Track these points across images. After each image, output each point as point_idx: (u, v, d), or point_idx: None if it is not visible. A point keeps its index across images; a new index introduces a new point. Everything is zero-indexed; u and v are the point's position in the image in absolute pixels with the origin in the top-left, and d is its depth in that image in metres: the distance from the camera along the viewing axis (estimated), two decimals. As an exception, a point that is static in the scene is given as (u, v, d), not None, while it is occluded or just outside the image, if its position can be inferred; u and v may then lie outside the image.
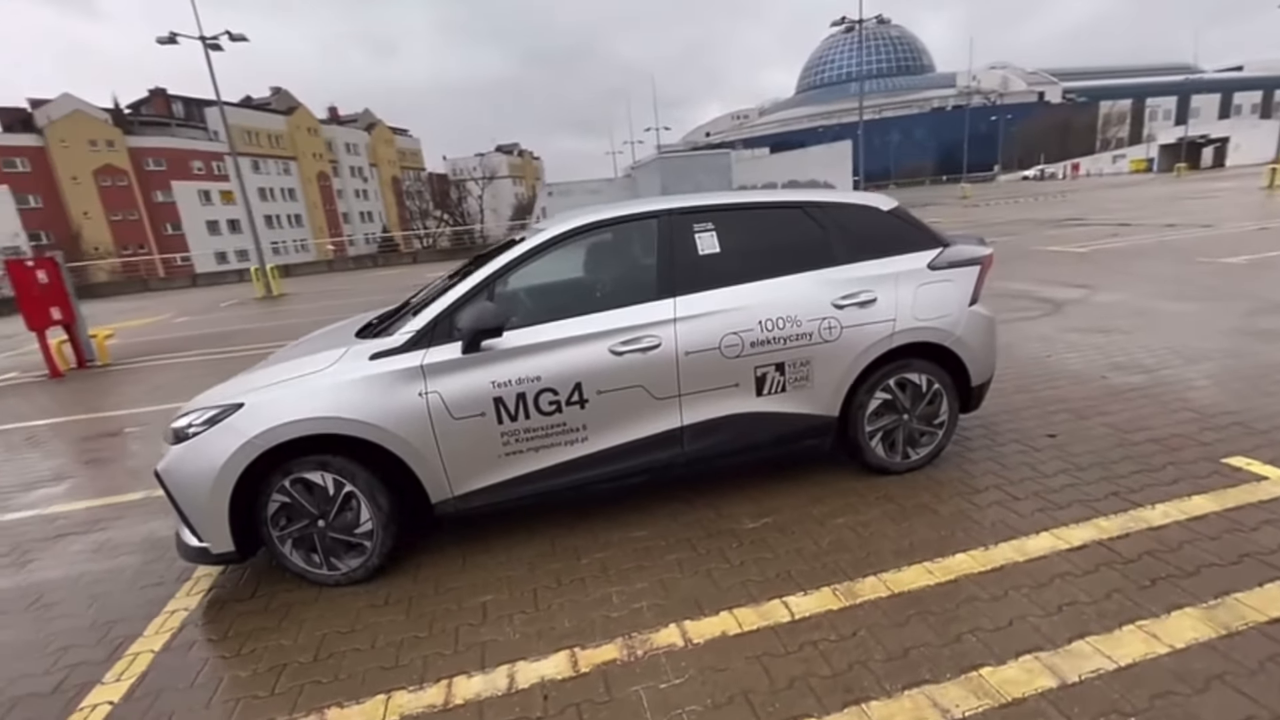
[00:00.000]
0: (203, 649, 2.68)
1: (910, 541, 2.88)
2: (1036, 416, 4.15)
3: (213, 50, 20.16)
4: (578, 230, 3.20)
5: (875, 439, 3.45)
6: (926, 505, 3.18)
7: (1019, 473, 3.41)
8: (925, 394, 3.44)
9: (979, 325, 3.45)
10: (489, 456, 2.99)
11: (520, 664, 2.37)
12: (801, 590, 2.61)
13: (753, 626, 2.43)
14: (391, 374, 2.88)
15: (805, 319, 3.18)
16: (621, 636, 2.45)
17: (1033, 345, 5.84)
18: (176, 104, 75.22)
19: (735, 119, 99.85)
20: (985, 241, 3.71)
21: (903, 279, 3.34)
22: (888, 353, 3.30)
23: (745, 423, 3.22)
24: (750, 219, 3.37)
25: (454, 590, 2.89)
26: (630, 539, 3.17)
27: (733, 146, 56.51)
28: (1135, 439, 3.67)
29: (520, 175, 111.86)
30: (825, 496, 3.37)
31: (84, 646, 2.77)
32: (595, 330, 3.03)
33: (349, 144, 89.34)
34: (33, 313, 9.36)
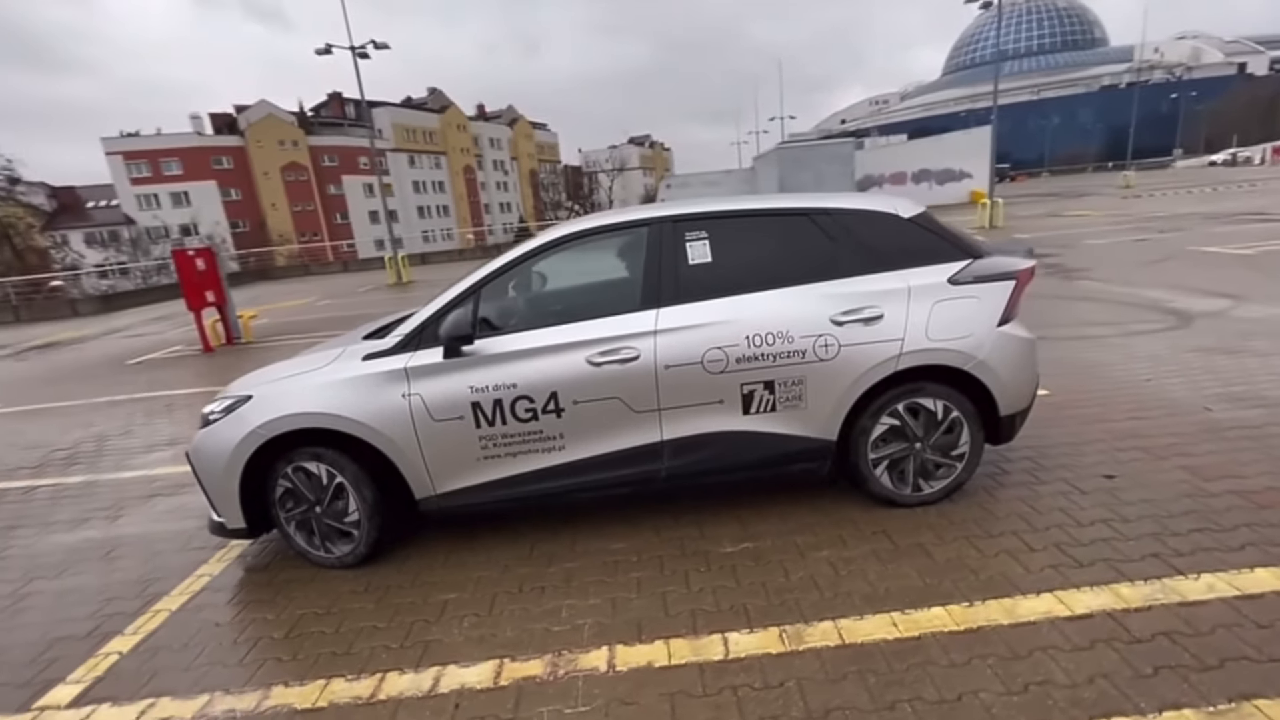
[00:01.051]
0: (207, 613, 2.99)
1: (888, 586, 2.61)
2: (1102, 452, 3.61)
3: (363, 59, 22.15)
4: (564, 239, 3.18)
5: (880, 468, 3.16)
6: (923, 546, 2.87)
7: (1049, 518, 2.99)
8: (941, 422, 3.10)
9: (1010, 348, 3.05)
10: (468, 459, 3.08)
11: (450, 668, 2.43)
12: (748, 627, 2.46)
13: (681, 660, 2.32)
14: (379, 375, 3.03)
15: (798, 335, 2.97)
16: (552, 653, 2.44)
17: (1136, 366, 5.07)
18: (349, 106, 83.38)
19: (873, 104, 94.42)
20: (1033, 252, 3.27)
21: (916, 295, 3.01)
22: (896, 375, 3.01)
23: (731, 441, 3.07)
24: (749, 228, 3.19)
25: (426, 585, 3.01)
26: (606, 550, 3.14)
27: (866, 134, 53.73)
28: (1214, 489, 3.09)
29: (650, 166, 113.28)
30: (817, 525, 3.14)
31: (124, 599, 3.19)
32: (573, 340, 3.01)
33: (493, 139, 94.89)
34: (192, 295, 10.81)
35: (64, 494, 4.76)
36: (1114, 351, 5.50)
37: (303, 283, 27.58)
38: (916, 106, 67.79)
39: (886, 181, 29.14)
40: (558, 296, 3.49)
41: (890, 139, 43.31)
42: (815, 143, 30.96)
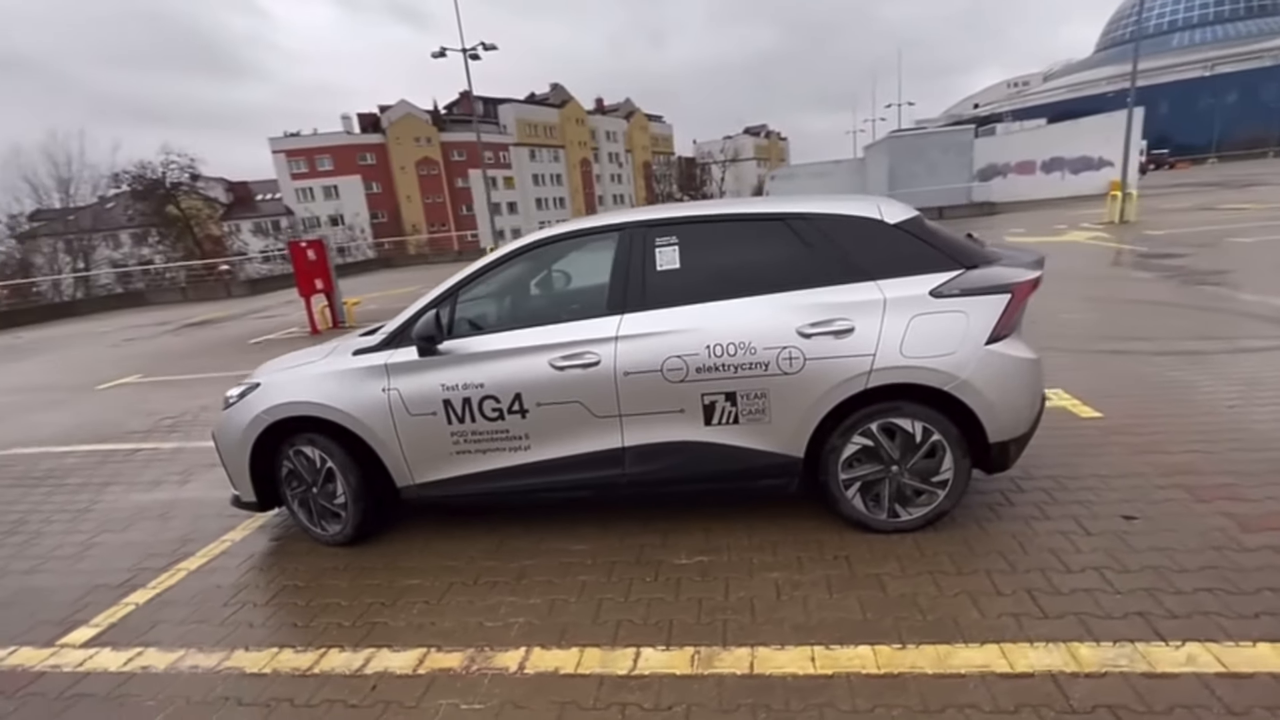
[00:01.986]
0: (216, 575, 3.34)
1: (824, 617, 2.47)
2: (1136, 488, 3.18)
3: (474, 60, 23.37)
4: (538, 244, 3.23)
5: (852, 489, 2.97)
6: (880, 577, 2.68)
7: (1034, 559, 2.69)
8: (920, 445, 2.87)
9: (1001, 369, 2.76)
10: (442, 452, 3.22)
11: (383, 651, 2.57)
12: (665, 645, 2.42)
13: (587, 670, 2.33)
14: (364, 369, 3.24)
15: (761, 347, 2.85)
16: (475, 648, 2.53)
17: (1226, 389, 4.39)
18: (478, 103, 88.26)
19: (1011, 86, 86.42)
20: (1042, 263, 2.93)
21: (893, 307, 2.79)
22: (867, 393, 2.81)
23: (693, 452, 3.01)
24: (723, 234, 3.09)
25: (396, 570, 3.20)
26: (566, 551, 3.18)
27: (999, 119, 49.55)
28: (1251, 543, 2.64)
29: (765, 157, 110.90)
30: (781, 544, 3.01)
31: (159, 555, 3.63)
32: (538, 343, 3.06)
33: (609, 132, 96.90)
34: (303, 282, 11.94)
35: (156, 458, 5.46)
36: (1208, 371, 4.79)
37: (420, 270, 29.56)
38: (1061, 88, 61.28)
39: (1012, 171, 26.66)
40: (532, 300, 3.55)
41: (1024, 124, 39.64)
42: (929, 131, 28.88)
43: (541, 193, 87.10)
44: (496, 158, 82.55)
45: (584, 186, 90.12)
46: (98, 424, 6.78)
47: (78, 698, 2.49)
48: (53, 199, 42.04)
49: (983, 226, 19.91)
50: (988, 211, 24.10)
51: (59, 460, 5.64)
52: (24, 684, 2.61)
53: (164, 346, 12.69)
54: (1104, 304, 7.51)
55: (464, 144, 79.77)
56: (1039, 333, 6.38)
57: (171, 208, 45.42)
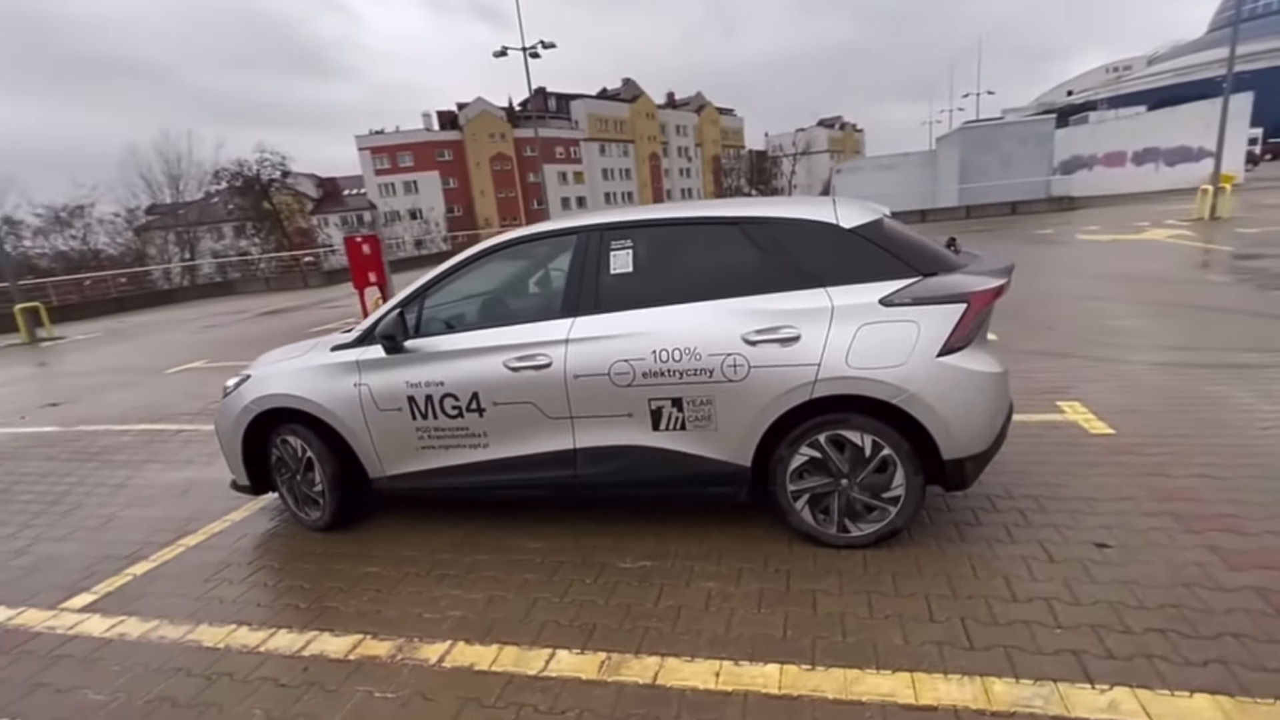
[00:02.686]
0: (209, 552, 3.58)
1: (744, 632, 2.42)
2: (1122, 514, 2.94)
3: (534, 58, 23.77)
4: (502, 245, 3.29)
5: (801, 501, 2.89)
6: (814, 594, 2.60)
7: (981, 585, 2.54)
8: (869, 459, 2.75)
9: (955, 382, 2.61)
10: (408, 447, 3.34)
11: (325, 635, 2.70)
12: (580, 648, 2.43)
13: (500, 668, 2.38)
14: (339, 365, 3.40)
15: (706, 353, 2.80)
16: (406, 638, 2.62)
17: (1264, 409, 3.98)
18: (551, 100, 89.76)
19: (1110, 71, 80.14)
20: (1009, 271, 2.76)
21: (841, 316, 2.69)
22: (816, 403, 2.73)
23: (641, 456, 3.00)
24: (677, 238, 3.06)
25: (362, 557, 3.34)
26: (521, 548, 3.24)
27: (1093, 107, 46.36)
28: (1230, 583, 2.40)
29: (839, 149, 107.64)
30: (727, 553, 2.97)
31: (167, 531, 3.92)
32: (495, 344, 3.13)
33: (679, 126, 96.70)
34: (357, 275, 12.50)
35: (195, 439, 5.89)
36: (1254, 387, 4.36)
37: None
38: (1167, 72, 56.37)
39: (1099, 163, 24.82)
40: (494, 301, 3.61)
41: (1119, 112, 36.87)
42: (1005, 121, 27.23)
43: (610, 187, 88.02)
44: (567, 153, 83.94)
45: (652, 181, 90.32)
46: (156, 405, 7.36)
47: (59, 659, 2.74)
48: (164, 194, 45.76)
49: (1055, 223, 18.72)
50: (1066, 207, 22.58)
51: (115, 438, 6.16)
52: (20, 642, 2.89)
53: (236, 334, 13.61)
54: (1161, 309, 6.93)
55: (537, 140, 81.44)
56: (1077, 339, 5.97)
57: (265, 203, 48.53)
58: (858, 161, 29.64)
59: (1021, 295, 8.66)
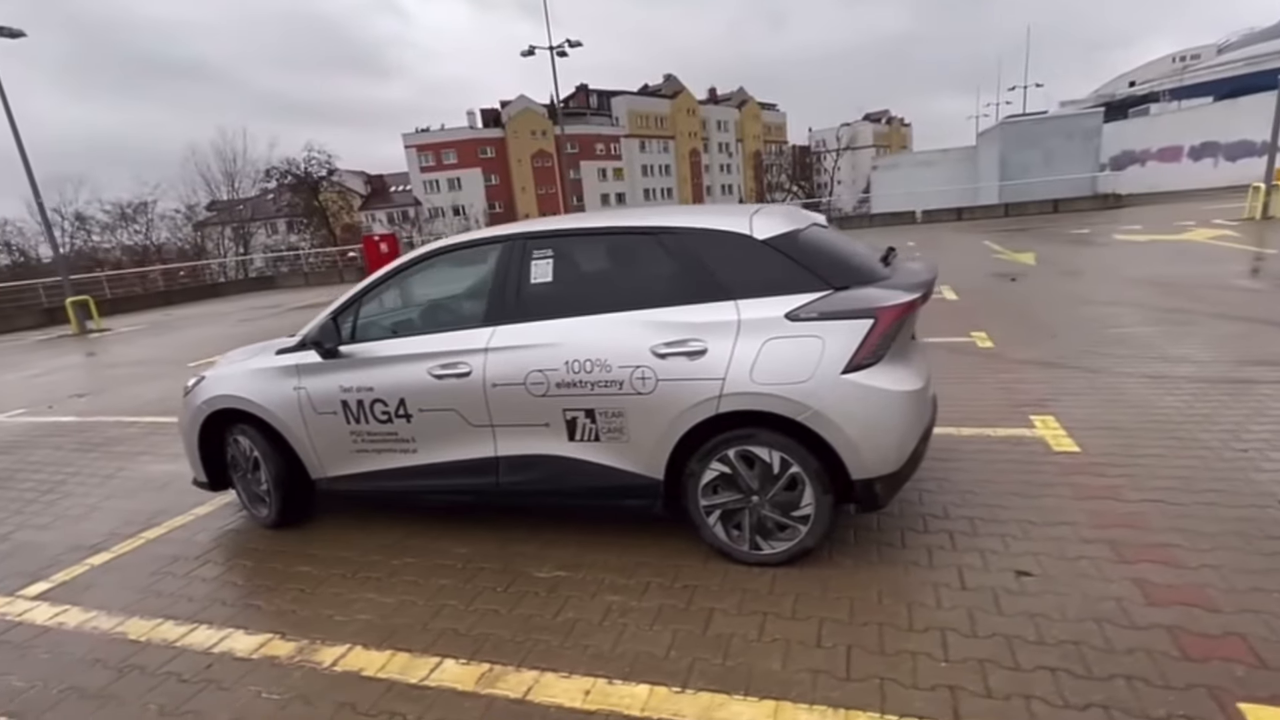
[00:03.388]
0: (166, 546, 3.72)
1: (627, 650, 2.39)
2: (1056, 539, 2.79)
3: (561, 57, 23.88)
4: (432, 254, 3.32)
5: (713, 516, 2.84)
6: (711, 613, 2.54)
7: (882, 611, 2.44)
8: (779, 476, 2.68)
9: (861, 400, 2.52)
10: (344, 450, 3.41)
11: (238, 634, 2.78)
12: (468, 658, 2.44)
13: (384, 675, 2.40)
14: (281, 368, 3.48)
15: (616, 365, 2.77)
16: (310, 639, 2.67)
17: (1250, 429, 3.72)
18: (592, 97, 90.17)
19: (1176, 61, 76.06)
20: (927, 285, 2.65)
21: (747, 329, 2.63)
22: (723, 418, 2.67)
23: (559, 466, 2.99)
24: (596, 247, 3.04)
25: (300, 555, 3.42)
26: (448, 553, 3.26)
27: (1154, 99, 44.11)
28: (1144, 619, 2.25)
29: (885, 144, 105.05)
30: (642, 566, 2.93)
31: (135, 523, 4.09)
32: (421, 351, 3.16)
33: (720, 121, 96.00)
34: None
35: (193, 432, 6.12)
36: (1246, 405, 4.08)
37: None
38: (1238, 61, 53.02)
39: (1152, 158, 23.54)
40: (423, 309, 3.63)
41: (1183, 104, 34.95)
42: (1048, 115, 26.06)
43: (650, 183, 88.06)
44: (608, 149, 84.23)
45: (692, 177, 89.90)
46: (169, 398, 7.66)
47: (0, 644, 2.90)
48: (221, 192, 47.76)
49: (1096, 222, 17.91)
50: (1112, 204, 21.52)
51: (122, 429, 6.46)
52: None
53: (264, 328, 14.08)
54: (1177, 317, 6.55)
55: (577, 136, 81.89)
56: (1076, 348, 5.71)
57: (314, 200, 50.18)
58: (896, 158, 28.85)
59: (1034, 299, 8.33)
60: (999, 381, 5.07)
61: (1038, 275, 10.25)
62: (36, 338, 16.76)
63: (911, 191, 25.64)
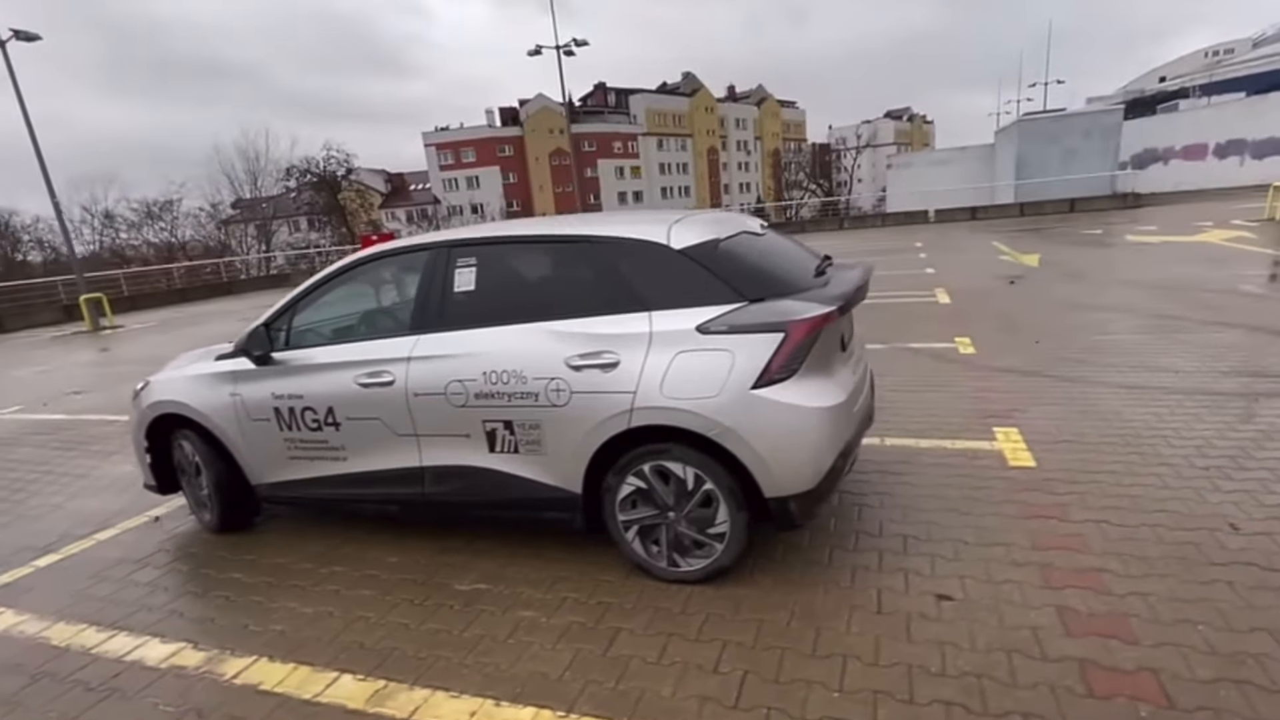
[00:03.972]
0: (114, 549, 3.73)
1: (523, 670, 2.33)
2: (988, 560, 2.68)
3: (568, 56, 23.87)
4: (364, 261, 3.29)
5: (631, 532, 2.77)
6: (618, 632, 2.47)
7: (789, 636, 2.35)
8: (693, 493, 2.61)
9: (771, 416, 2.43)
10: (279, 457, 3.40)
11: (154, 642, 2.77)
12: (366, 675, 2.40)
13: (281, 689, 2.37)
14: (219, 374, 3.48)
15: (532, 376, 2.72)
16: (220, 650, 2.65)
17: (1215, 445, 3.55)
18: (610, 95, 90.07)
19: (1209, 55, 73.83)
20: (843, 296, 2.55)
21: (659, 342, 2.56)
22: (637, 432, 2.60)
23: (481, 477, 2.95)
24: (518, 256, 2.99)
25: (237, 563, 3.41)
26: (379, 562, 3.23)
27: (1184, 95, 43.01)
28: (1054, 651, 2.14)
29: (907, 142, 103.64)
30: (563, 581, 2.87)
31: (90, 524, 4.12)
32: (348, 359, 3.13)
33: (738, 119, 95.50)
34: (378, 272, 12.91)
35: (172, 432, 6.19)
36: (1221, 418, 3.91)
37: None
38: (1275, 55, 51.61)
39: (1176, 156, 22.85)
40: (352, 317, 3.58)
41: (1213, 99, 33.97)
42: (1067, 113, 25.42)
43: (667, 181, 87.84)
44: (625, 147, 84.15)
45: (709, 175, 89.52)
46: (158, 397, 7.78)
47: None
48: (244, 190, 48.58)
49: (1111, 222, 17.45)
50: (1131, 204, 20.96)
51: (104, 428, 6.55)
52: (-94, 628, 3.09)
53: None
54: (1170, 323, 6.33)
55: (594, 135, 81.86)
56: (1057, 356, 5.54)
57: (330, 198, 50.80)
58: (911, 156, 28.28)
59: (1028, 303, 8.12)
60: (972, 390, 4.93)
61: (1038, 278, 9.99)
62: (53, 334, 17.16)
63: (930, 190, 25.19)
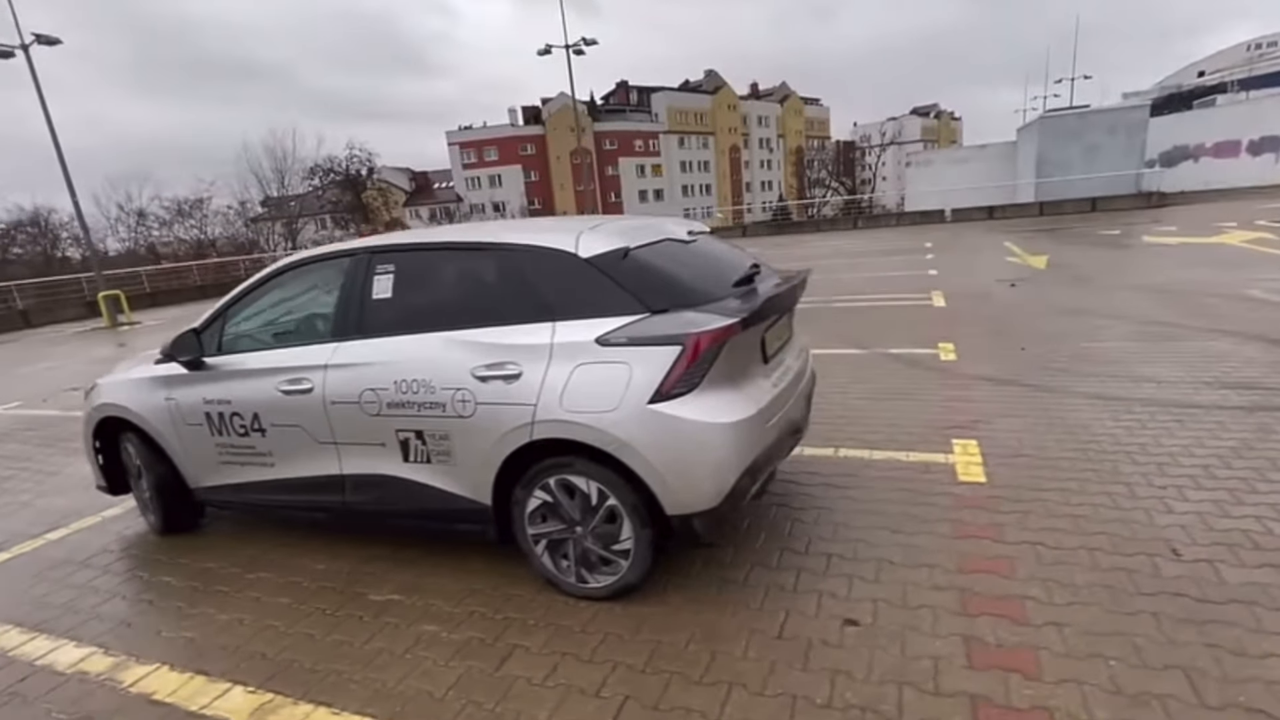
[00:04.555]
0: (58, 549, 3.77)
1: (411, 687, 2.28)
2: (908, 582, 2.56)
3: (578, 55, 23.84)
4: (290, 267, 3.27)
5: (540, 545, 2.71)
6: (514, 649, 2.41)
7: (683, 659, 2.27)
8: (597, 508, 2.54)
9: (669, 431, 2.35)
10: (212, 461, 3.39)
11: (68, 646, 2.78)
12: (257, 687, 2.37)
13: (173, 699, 2.35)
14: (156, 378, 3.49)
15: (440, 386, 2.67)
16: (127, 656, 2.65)
17: (1182, 463, 3.38)
18: (633, 93, 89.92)
19: (1251, 49, 71.28)
20: (745, 308, 2.46)
21: (560, 354, 2.49)
22: (540, 445, 2.54)
23: (397, 487, 2.90)
24: (431, 263, 2.94)
25: (170, 565, 3.41)
26: (305, 570, 3.21)
27: (1224, 89, 41.72)
28: (950, 686, 2.03)
29: (933, 138, 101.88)
30: (475, 594, 2.82)
31: (44, 523, 4.17)
32: (271, 366, 3.11)
33: (761, 117, 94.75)
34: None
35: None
36: (1191, 433, 3.72)
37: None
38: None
39: (1206, 154, 22.07)
40: (278, 323, 3.53)
41: (1252, 94, 32.83)
42: (1091, 110, 24.65)
43: (688, 179, 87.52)
44: (646, 146, 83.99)
45: (730, 173, 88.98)
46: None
47: None
48: (271, 189, 49.57)
49: (1131, 222, 16.93)
50: (1155, 203, 20.29)
51: (92, 425, 6.66)
52: None
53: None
54: (1165, 331, 6.08)
55: (616, 133, 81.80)
56: (1037, 364, 5.35)
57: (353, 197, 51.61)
58: (931, 154, 27.67)
59: (1024, 307, 7.87)
60: (942, 399, 4.77)
61: (1042, 281, 9.70)
62: (75, 329, 17.63)
63: (951, 189, 24.67)
